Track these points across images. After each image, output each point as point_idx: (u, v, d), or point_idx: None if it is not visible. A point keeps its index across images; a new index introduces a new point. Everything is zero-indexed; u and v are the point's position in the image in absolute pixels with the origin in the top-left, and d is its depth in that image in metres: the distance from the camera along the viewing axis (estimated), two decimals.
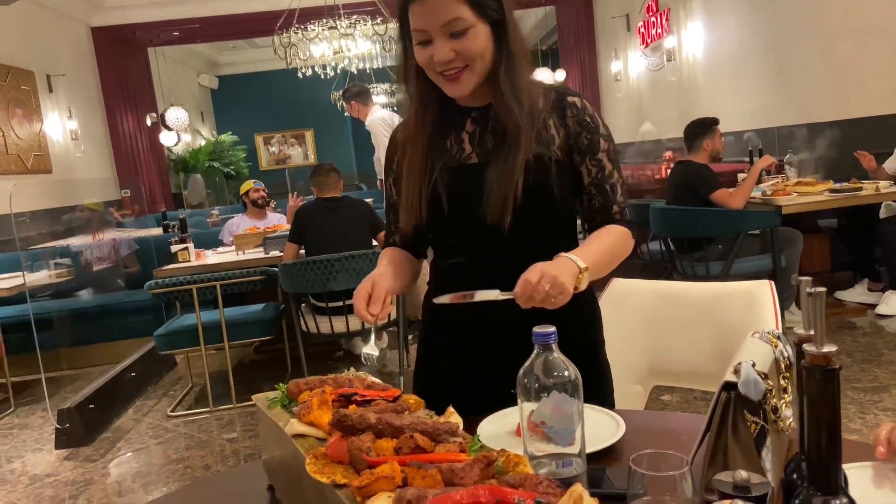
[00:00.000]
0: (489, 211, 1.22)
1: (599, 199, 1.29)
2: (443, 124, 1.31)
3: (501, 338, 1.28)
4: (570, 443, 0.84)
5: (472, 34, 1.18)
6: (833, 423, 0.59)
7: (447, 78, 1.21)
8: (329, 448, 0.79)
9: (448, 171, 1.28)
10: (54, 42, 7.73)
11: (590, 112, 1.30)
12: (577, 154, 1.28)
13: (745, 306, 1.62)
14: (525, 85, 1.24)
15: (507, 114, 1.23)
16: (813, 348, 0.59)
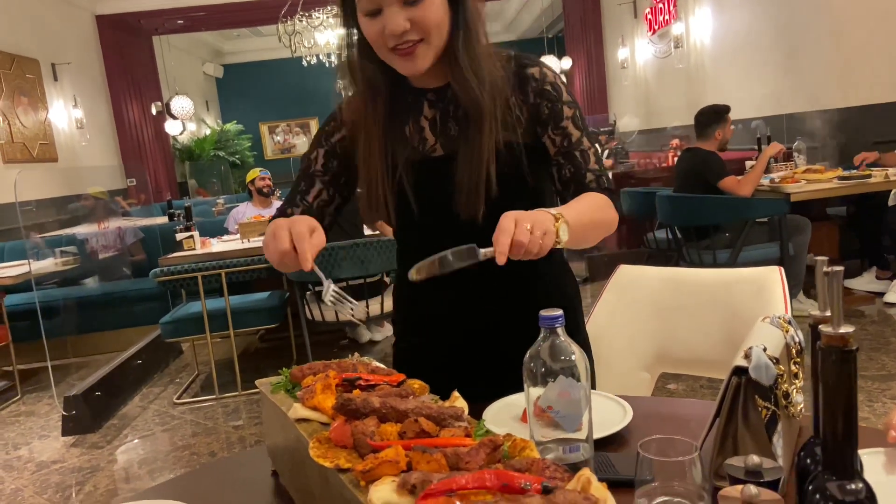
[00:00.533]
0: (461, 207, 1.13)
1: (570, 168, 1.17)
2: (397, 110, 1.19)
3: (478, 331, 1.23)
4: (576, 428, 0.83)
5: (428, 2, 1.06)
6: (849, 405, 0.57)
7: (400, 53, 1.08)
8: (333, 432, 0.77)
9: (413, 166, 1.17)
10: (59, 30, 7.71)
11: (550, 79, 1.18)
12: (540, 126, 1.17)
13: (753, 293, 1.60)
14: (485, 59, 1.13)
15: (467, 92, 1.12)
16: (829, 329, 0.57)
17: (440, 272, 0.96)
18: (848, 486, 0.58)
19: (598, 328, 1.72)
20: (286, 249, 0.99)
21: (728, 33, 6.34)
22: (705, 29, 6.71)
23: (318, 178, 1.25)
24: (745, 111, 5.77)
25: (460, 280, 1.18)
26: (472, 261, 0.94)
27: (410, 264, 1.26)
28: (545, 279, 1.27)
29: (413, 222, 1.20)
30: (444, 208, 1.15)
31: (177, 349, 4.80)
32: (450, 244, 1.16)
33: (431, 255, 0.96)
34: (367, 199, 1.20)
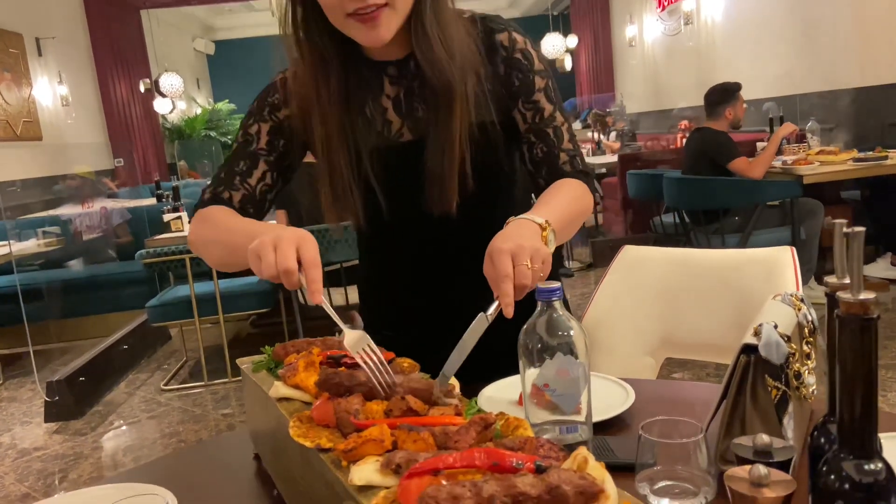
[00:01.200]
0: (433, 200, 1.01)
1: (541, 147, 1.06)
2: (353, 88, 1.04)
3: (455, 321, 1.10)
4: (575, 408, 0.77)
5: None
6: (869, 378, 0.53)
7: (363, 19, 0.93)
8: (315, 411, 0.70)
9: (378, 153, 1.04)
10: (44, 3, 7.48)
11: (520, 46, 1.06)
12: (510, 99, 1.06)
13: (764, 274, 1.52)
14: (454, 27, 1.00)
15: (436, 69, 0.98)
16: (848, 296, 0.52)
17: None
18: (866, 466, 0.53)
19: (601, 311, 1.66)
20: (291, 268, 0.80)
21: (741, 10, 6.16)
22: (717, 5, 6.53)
23: (262, 157, 1.07)
24: (757, 91, 5.61)
25: (427, 266, 1.12)
26: (485, 327, 0.82)
27: (377, 264, 1.20)
28: None
29: (380, 218, 1.07)
30: (413, 201, 1.03)
31: (165, 334, 4.65)
32: (420, 241, 1.10)
33: (451, 358, 0.81)
34: (332, 194, 1.04)
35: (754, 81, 5.61)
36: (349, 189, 1.03)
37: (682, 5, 7.01)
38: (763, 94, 5.55)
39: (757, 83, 5.60)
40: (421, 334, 1.03)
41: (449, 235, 1.04)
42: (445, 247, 1.08)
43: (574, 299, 4.32)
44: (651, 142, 6.04)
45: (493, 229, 0.88)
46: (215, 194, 1.07)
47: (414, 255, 1.12)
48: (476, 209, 1.02)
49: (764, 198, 3.87)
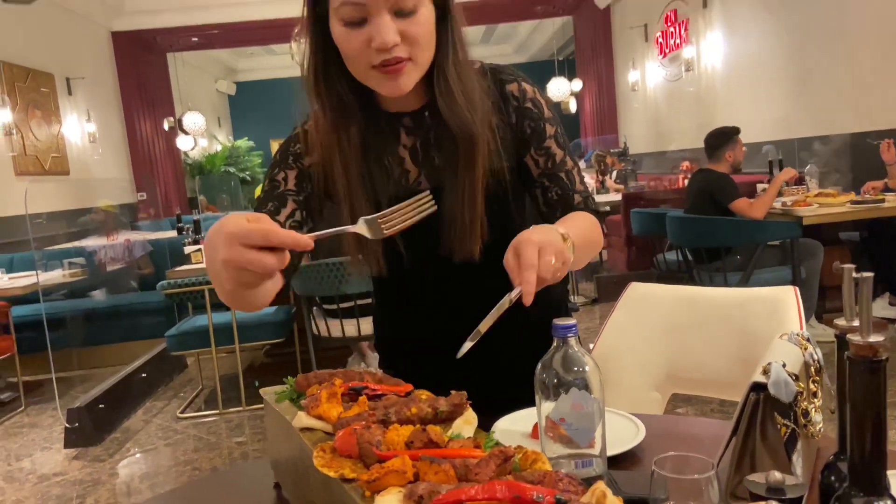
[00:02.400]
0: (454, 247, 1.03)
1: (556, 190, 1.09)
2: (372, 138, 1.05)
3: (469, 354, 1.16)
4: (589, 443, 0.80)
5: (422, 16, 0.94)
6: (878, 418, 0.55)
7: (387, 71, 0.95)
8: (338, 441, 0.75)
9: (395, 203, 1.02)
10: (75, 45, 7.81)
11: (530, 95, 1.10)
12: (522, 146, 1.09)
13: (768, 312, 1.58)
14: (474, 80, 1.03)
15: (457, 117, 1.00)
16: (858, 338, 0.56)
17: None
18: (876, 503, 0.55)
19: (608, 347, 1.70)
20: (254, 259, 0.72)
21: (739, 57, 6.35)
22: (716, 53, 6.72)
23: (291, 197, 1.07)
24: (756, 135, 5.76)
25: (446, 309, 1.13)
26: (504, 309, 0.84)
27: (394, 306, 1.20)
28: None
29: (399, 264, 1.08)
30: (431, 248, 1.05)
31: (181, 363, 4.77)
32: (440, 287, 1.12)
33: (472, 334, 0.84)
34: (355, 241, 1.05)
35: (753, 125, 5.76)
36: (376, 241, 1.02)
37: (683, 52, 7.20)
38: (761, 137, 5.69)
39: (755, 127, 5.76)
40: (436, 371, 1.03)
41: (466, 280, 1.05)
42: (463, 291, 1.08)
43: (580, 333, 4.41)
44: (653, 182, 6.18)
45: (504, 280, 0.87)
46: None
47: (432, 299, 1.14)
48: (491, 253, 1.00)
49: (765, 238, 3.97)
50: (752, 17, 6.08)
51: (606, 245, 6.76)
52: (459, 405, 0.81)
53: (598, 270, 6.27)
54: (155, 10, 8.75)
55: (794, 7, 5.41)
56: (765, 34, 5.89)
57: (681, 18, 7.34)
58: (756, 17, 6.01)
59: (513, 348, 1.15)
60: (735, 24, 6.40)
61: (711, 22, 6.77)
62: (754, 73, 6.11)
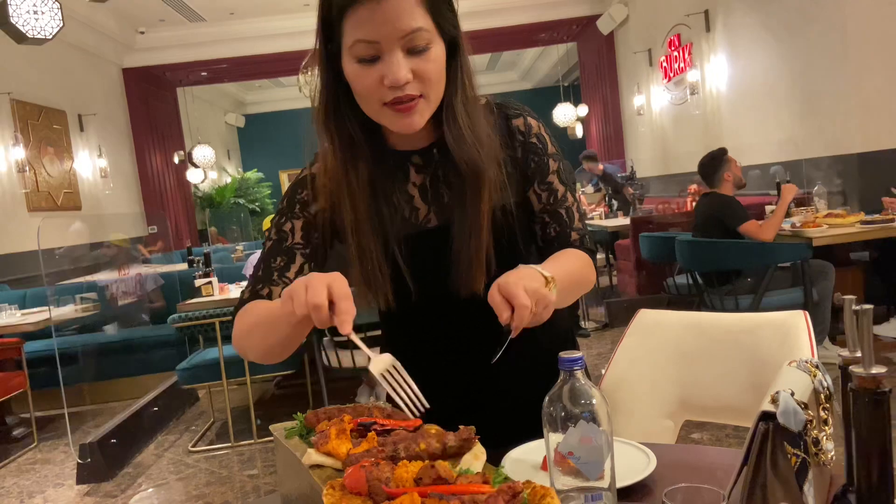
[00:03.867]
0: (461, 281, 1.04)
1: (555, 227, 1.11)
2: (380, 176, 1.06)
3: (475, 387, 1.16)
4: (599, 476, 0.79)
5: (434, 54, 0.96)
6: (884, 448, 0.56)
7: (400, 108, 0.96)
8: (347, 479, 0.75)
9: (406, 240, 1.06)
10: (87, 82, 7.96)
11: (535, 130, 1.11)
12: (526, 181, 1.11)
13: (779, 338, 1.56)
14: (481, 114, 1.05)
15: (465, 153, 1.01)
16: (861, 370, 0.56)
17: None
18: None
19: (619, 373, 1.69)
20: (320, 303, 0.83)
21: (744, 80, 6.39)
22: (721, 76, 6.76)
23: (299, 251, 1.10)
24: (762, 157, 5.77)
25: (452, 342, 1.15)
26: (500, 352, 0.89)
27: (402, 340, 1.20)
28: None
29: (408, 299, 1.09)
30: (440, 283, 1.06)
31: (193, 396, 4.77)
32: (447, 321, 1.13)
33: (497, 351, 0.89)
34: (362, 276, 1.07)
35: (759, 147, 5.78)
36: (378, 272, 1.05)
37: (688, 76, 7.25)
38: (768, 159, 5.70)
39: (762, 149, 5.77)
40: (443, 405, 1.02)
41: (473, 314, 1.03)
42: (470, 325, 1.08)
43: (591, 359, 4.39)
44: (661, 205, 6.18)
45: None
46: (254, 292, 1.08)
47: (439, 332, 1.15)
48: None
49: (775, 260, 3.95)
50: (755, 40, 6.13)
51: (617, 270, 6.75)
52: (468, 440, 0.81)
53: (609, 295, 6.25)
54: (165, 46, 8.93)
55: (798, 31, 5.44)
56: (769, 57, 5.93)
57: (684, 42, 7.40)
58: (759, 40, 6.05)
59: (522, 378, 1.16)
60: (738, 47, 6.44)
61: (715, 46, 6.83)
62: (759, 95, 6.13)
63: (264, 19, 8.84)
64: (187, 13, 8.44)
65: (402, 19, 0.91)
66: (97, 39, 8.02)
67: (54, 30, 3.77)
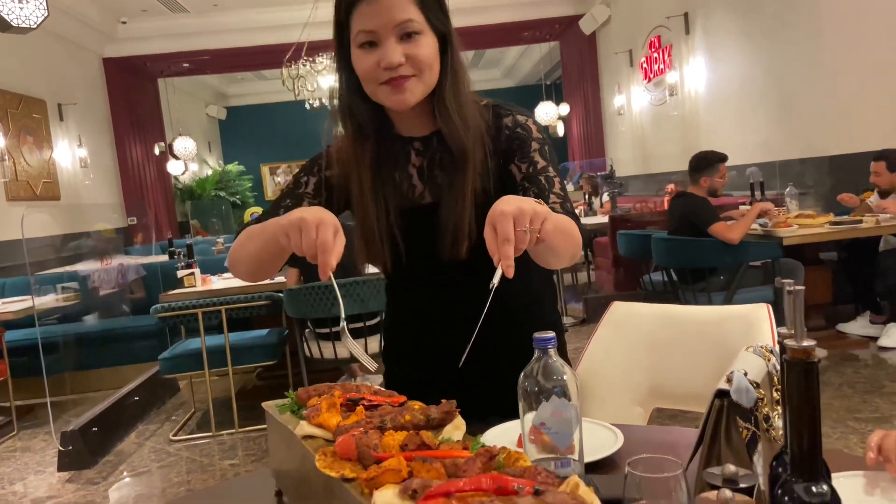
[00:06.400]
0: (445, 250, 1.17)
1: (534, 191, 1.15)
2: (385, 157, 1.22)
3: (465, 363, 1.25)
4: (568, 446, 0.87)
5: (424, 40, 1.11)
6: (813, 413, 0.62)
7: (392, 85, 1.11)
8: (338, 446, 0.81)
9: (403, 213, 1.21)
10: (67, 72, 7.89)
11: (521, 123, 1.22)
12: (509, 160, 1.20)
13: (743, 329, 1.65)
14: (470, 106, 1.19)
15: (454, 136, 1.16)
16: (793, 343, 0.62)
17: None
18: (814, 489, 0.62)
19: (593, 363, 1.77)
20: (312, 242, 0.94)
21: (722, 82, 6.52)
22: (699, 78, 6.89)
23: (307, 199, 1.23)
24: (739, 158, 5.90)
25: (452, 316, 1.24)
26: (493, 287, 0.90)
27: (400, 302, 1.34)
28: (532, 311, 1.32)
29: (401, 264, 1.23)
30: (429, 251, 1.18)
31: (174, 386, 4.79)
32: (437, 286, 1.25)
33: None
34: (363, 241, 1.22)
35: (736, 149, 5.90)
36: (378, 239, 1.19)
37: (667, 77, 7.38)
38: (744, 160, 5.84)
39: (738, 150, 5.90)
40: (436, 373, 1.21)
41: (459, 279, 1.19)
42: (456, 288, 1.22)
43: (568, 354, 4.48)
44: (639, 204, 6.30)
45: (491, 276, 0.91)
46: (259, 222, 1.20)
47: (431, 296, 1.27)
48: (477, 261, 1.08)
49: (747, 258, 4.07)
50: (733, 43, 6.26)
51: (595, 267, 6.86)
52: (449, 413, 0.88)
53: (587, 291, 6.36)
54: (146, 36, 8.87)
55: (774, 35, 5.58)
56: (746, 60, 6.06)
57: (664, 44, 7.52)
58: (737, 43, 6.19)
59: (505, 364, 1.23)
60: (717, 50, 6.57)
61: (694, 48, 6.96)
62: (736, 97, 6.27)
63: (248, 11, 8.82)
64: (170, 4, 8.40)
65: (395, 12, 1.08)
66: (78, 28, 7.96)
67: (39, 19, 3.77)
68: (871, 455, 0.93)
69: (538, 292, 1.35)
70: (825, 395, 3.53)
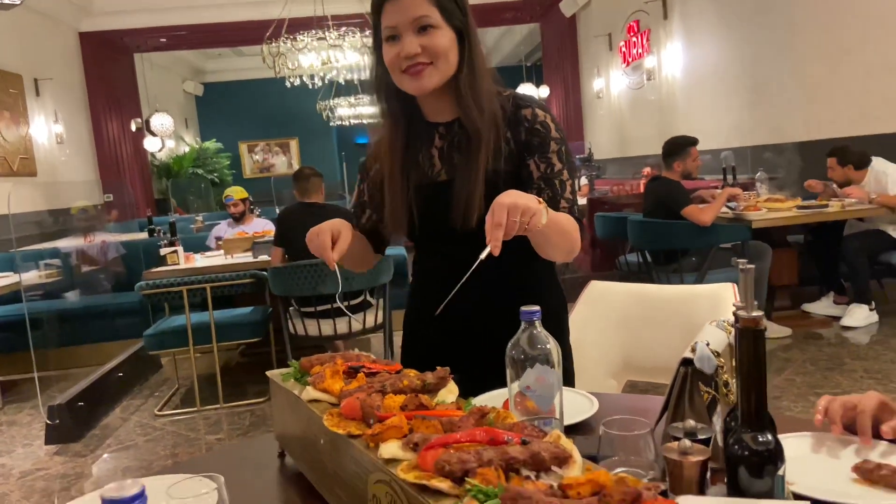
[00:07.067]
0: (456, 222, 1.31)
1: (548, 193, 1.33)
2: (413, 139, 1.39)
3: (470, 333, 1.39)
4: (550, 408, 0.97)
5: (439, 33, 1.27)
6: (760, 373, 0.72)
7: (410, 73, 1.28)
8: (343, 408, 0.91)
9: (420, 189, 1.38)
10: (43, 46, 7.77)
11: (541, 119, 1.35)
12: (528, 153, 1.34)
13: (710, 306, 1.77)
14: (486, 93, 1.33)
15: (470, 120, 1.31)
16: (744, 313, 0.73)
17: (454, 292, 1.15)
18: (760, 438, 0.73)
19: (571, 339, 1.88)
20: (325, 247, 1.25)
21: (698, 68, 6.64)
22: (676, 63, 7.01)
23: (367, 206, 1.49)
24: (713, 142, 6.04)
25: (454, 276, 1.32)
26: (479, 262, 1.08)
27: (418, 271, 1.53)
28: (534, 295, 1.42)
29: (420, 235, 1.42)
30: (442, 222, 1.35)
31: (156, 363, 4.84)
32: (449, 254, 1.38)
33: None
34: (390, 215, 1.41)
35: (710, 133, 6.06)
36: (400, 210, 1.38)
37: (645, 62, 7.49)
38: (718, 144, 5.98)
39: (713, 135, 6.05)
40: (450, 339, 1.38)
41: (468, 247, 1.25)
42: (466, 257, 1.28)
43: None
44: (616, 187, 6.43)
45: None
46: None
47: (444, 261, 1.39)
48: (484, 234, 1.24)
49: (717, 240, 4.23)
50: (709, 29, 6.38)
51: None
52: (443, 378, 0.98)
53: (564, 272, 6.49)
54: (123, 10, 8.74)
55: (749, 21, 5.70)
56: (721, 46, 6.18)
57: (643, 28, 7.62)
58: (714, 29, 6.30)
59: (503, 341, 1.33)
60: (694, 35, 6.69)
61: (672, 33, 7.06)
62: (712, 82, 6.39)
63: None
64: None
65: (413, 9, 1.26)
66: (54, 2, 7.83)
67: None
68: (819, 418, 1.04)
69: (542, 281, 1.48)
70: (789, 371, 3.71)
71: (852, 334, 4.25)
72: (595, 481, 0.63)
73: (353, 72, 7.50)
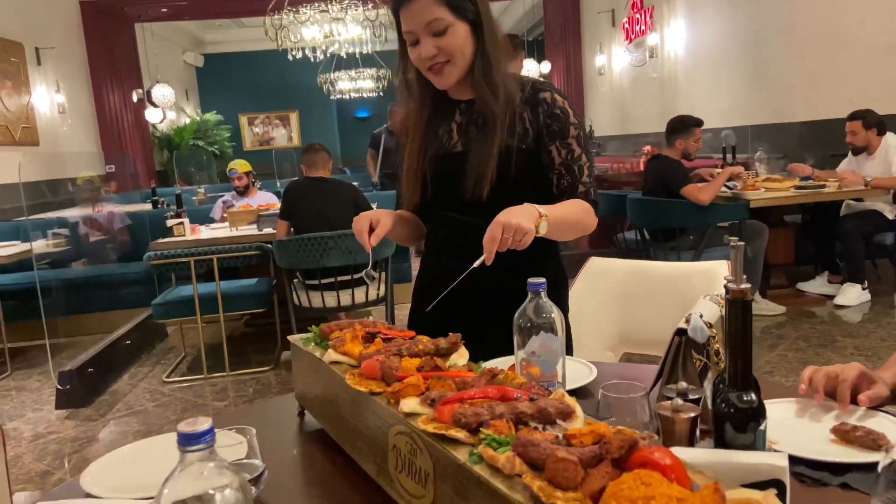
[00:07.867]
0: (467, 192, 1.42)
1: (568, 179, 1.45)
2: (436, 116, 1.51)
3: (480, 304, 1.46)
4: (553, 373, 1.05)
5: (452, 32, 1.37)
6: (745, 339, 0.80)
7: (433, 71, 1.41)
8: (364, 368, 0.99)
9: (435, 159, 1.49)
10: (44, 15, 7.74)
11: (559, 104, 1.45)
12: (548, 138, 1.44)
13: (706, 283, 1.85)
14: (500, 78, 1.43)
15: (485, 103, 1.42)
16: (734, 285, 0.80)
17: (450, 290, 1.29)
18: (744, 397, 0.81)
19: (570, 313, 1.95)
20: (360, 230, 1.41)
21: (700, 46, 6.65)
22: (679, 41, 7.01)
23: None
24: (714, 121, 6.08)
25: (462, 246, 1.43)
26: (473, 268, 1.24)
27: (433, 237, 1.62)
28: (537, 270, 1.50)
29: (428, 203, 1.53)
30: (452, 192, 1.46)
31: (162, 332, 4.94)
32: (459, 222, 1.50)
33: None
34: (407, 179, 1.53)
35: (711, 112, 6.08)
36: (416, 177, 1.50)
37: (648, 39, 7.48)
38: (719, 123, 6.02)
39: (714, 113, 6.08)
40: (457, 313, 1.39)
41: (477, 217, 1.35)
42: (475, 228, 1.33)
43: None
44: (616, 164, 6.48)
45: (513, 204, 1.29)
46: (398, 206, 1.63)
47: (454, 231, 1.52)
48: (498, 194, 1.40)
49: (715, 219, 4.29)
50: (713, 7, 6.37)
51: None
52: (455, 343, 1.06)
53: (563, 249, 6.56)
54: None
55: (752, 0, 5.70)
56: (724, 25, 6.19)
57: (647, 5, 7.60)
58: (717, 7, 6.30)
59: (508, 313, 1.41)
60: (697, 13, 6.68)
61: (675, 10, 7.05)
62: (714, 61, 6.41)
63: None
64: None
65: (424, 14, 1.36)
66: None
67: None
68: (803, 386, 1.12)
69: (544, 256, 1.55)
70: (782, 347, 3.80)
71: (845, 312, 4.34)
72: (596, 432, 0.71)
73: (355, 45, 7.50)
